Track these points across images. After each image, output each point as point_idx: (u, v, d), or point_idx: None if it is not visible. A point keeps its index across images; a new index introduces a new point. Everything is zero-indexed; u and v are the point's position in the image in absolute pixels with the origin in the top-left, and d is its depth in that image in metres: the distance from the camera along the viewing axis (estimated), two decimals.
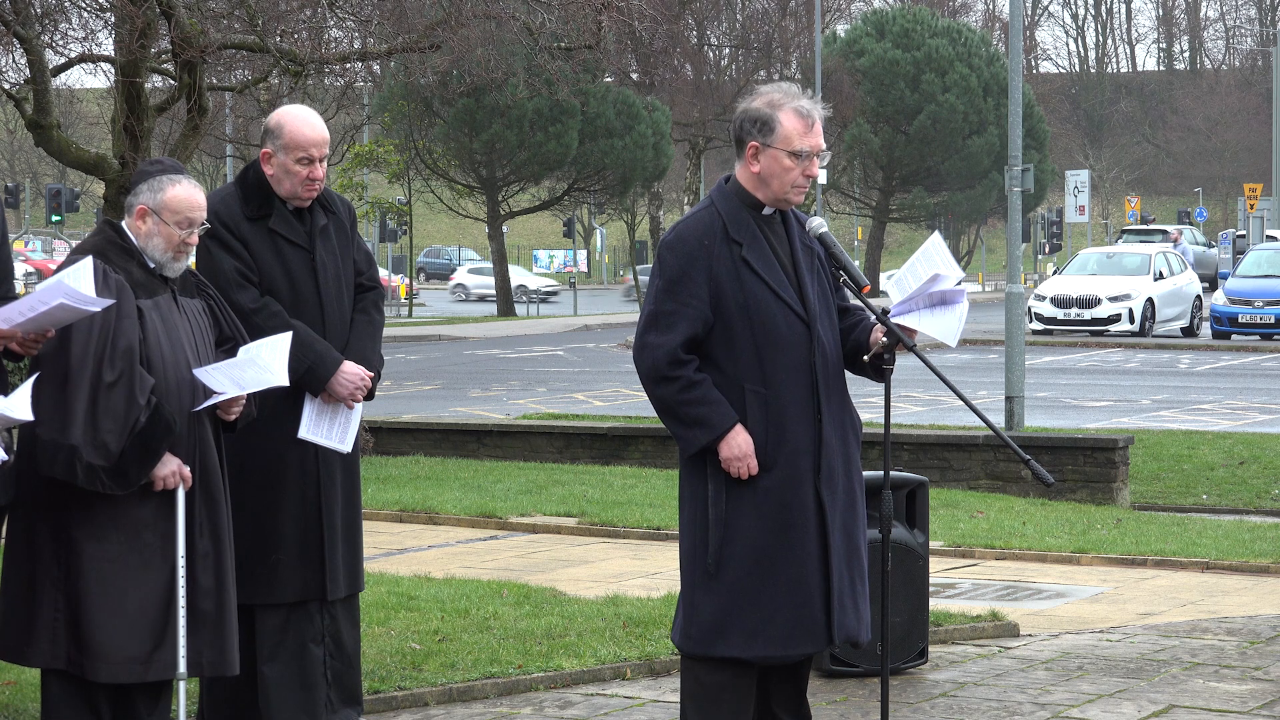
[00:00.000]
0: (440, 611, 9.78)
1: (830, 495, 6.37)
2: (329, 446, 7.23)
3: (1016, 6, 20.96)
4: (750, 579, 6.30)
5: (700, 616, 6.32)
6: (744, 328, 6.30)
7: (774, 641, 6.32)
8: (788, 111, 6.33)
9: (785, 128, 6.31)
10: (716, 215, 6.38)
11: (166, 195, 6.52)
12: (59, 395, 6.25)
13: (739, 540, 6.30)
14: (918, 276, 6.41)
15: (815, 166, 6.38)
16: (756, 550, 6.30)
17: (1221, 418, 23.30)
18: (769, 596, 6.30)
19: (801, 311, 6.36)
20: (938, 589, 10.81)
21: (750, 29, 67.77)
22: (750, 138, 6.36)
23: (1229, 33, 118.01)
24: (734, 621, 6.30)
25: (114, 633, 6.37)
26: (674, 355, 6.27)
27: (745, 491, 6.30)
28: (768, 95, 6.39)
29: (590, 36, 19.98)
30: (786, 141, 6.32)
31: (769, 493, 6.30)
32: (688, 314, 6.28)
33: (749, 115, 6.37)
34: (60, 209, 52.62)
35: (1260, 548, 13.14)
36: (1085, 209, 53.63)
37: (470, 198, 58.34)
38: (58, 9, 16.99)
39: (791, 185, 6.36)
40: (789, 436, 6.31)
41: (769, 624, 6.30)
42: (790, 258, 6.44)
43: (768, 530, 6.30)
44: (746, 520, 6.30)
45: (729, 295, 6.30)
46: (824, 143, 6.41)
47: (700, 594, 6.33)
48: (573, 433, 18.34)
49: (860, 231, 76.63)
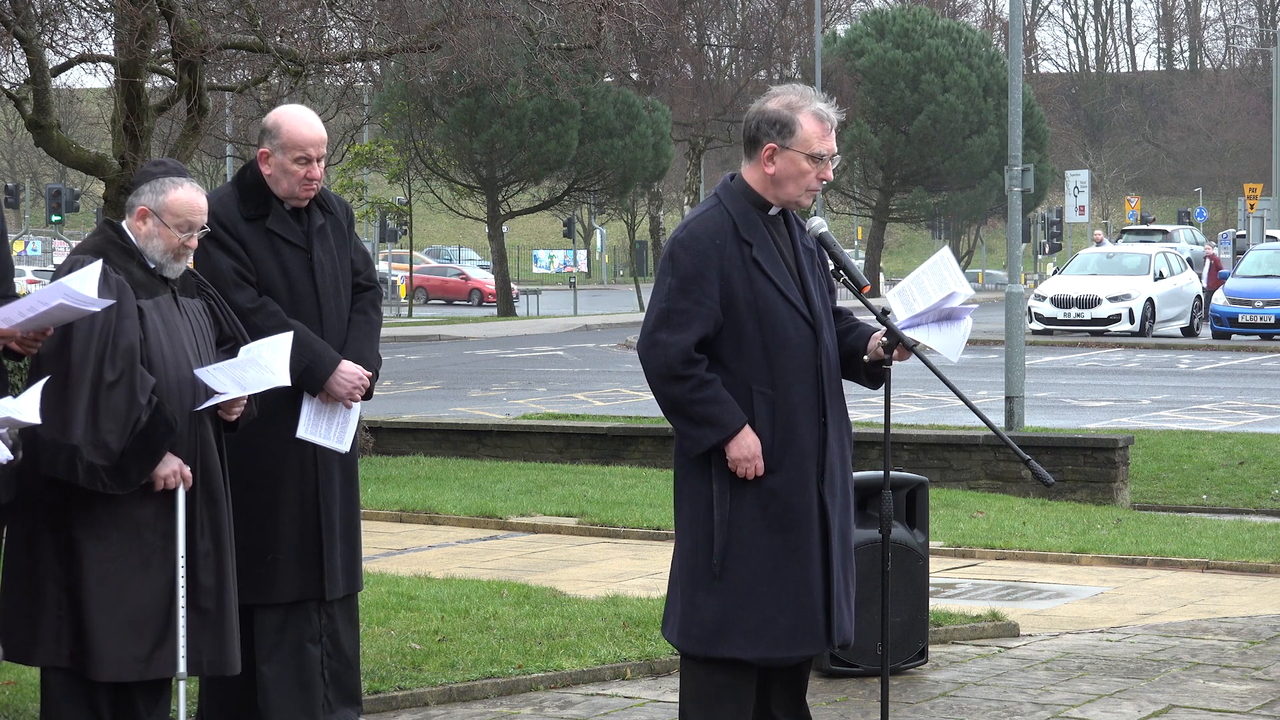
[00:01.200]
0: (440, 611, 9.78)
1: (831, 498, 6.38)
2: (327, 446, 7.22)
3: (1016, 6, 20.96)
4: (754, 580, 6.29)
5: (702, 617, 6.31)
6: (753, 329, 6.30)
7: (776, 643, 6.31)
8: (807, 114, 6.31)
9: (805, 130, 6.29)
10: (726, 214, 6.36)
11: (168, 198, 6.52)
12: (60, 395, 6.25)
13: (743, 541, 6.29)
14: (923, 290, 6.41)
15: (829, 170, 6.37)
16: (761, 551, 6.30)
17: (1221, 418, 23.30)
18: (772, 598, 6.29)
19: (807, 314, 6.36)
20: (938, 589, 10.81)
21: (750, 29, 67.76)
22: (768, 139, 6.32)
23: (1229, 33, 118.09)
24: (736, 622, 6.29)
25: (114, 632, 6.37)
26: (687, 354, 6.25)
27: (750, 492, 6.29)
28: (785, 97, 6.36)
29: (590, 36, 19.98)
30: (806, 145, 6.30)
31: (775, 494, 6.30)
32: (701, 313, 6.26)
33: (767, 117, 6.33)
34: (60, 209, 52.65)
35: (1260, 548, 13.14)
36: (1085, 209, 53.65)
37: (470, 198, 58.34)
38: (58, 9, 16.99)
39: (806, 188, 6.36)
40: (795, 438, 6.31)
41: (771, 625, 6.30)
42: (794, 259, 6.44)
43: (772, 531, 6.30)
44: (751, 521, 6.30)
45: (739, 296, 6.29)
46: (835, 146, 6.41)
47: (702, 594, 6.31)
48: (573, 433, 18.34)
49: (860, 231, 76.65)
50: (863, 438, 16.65)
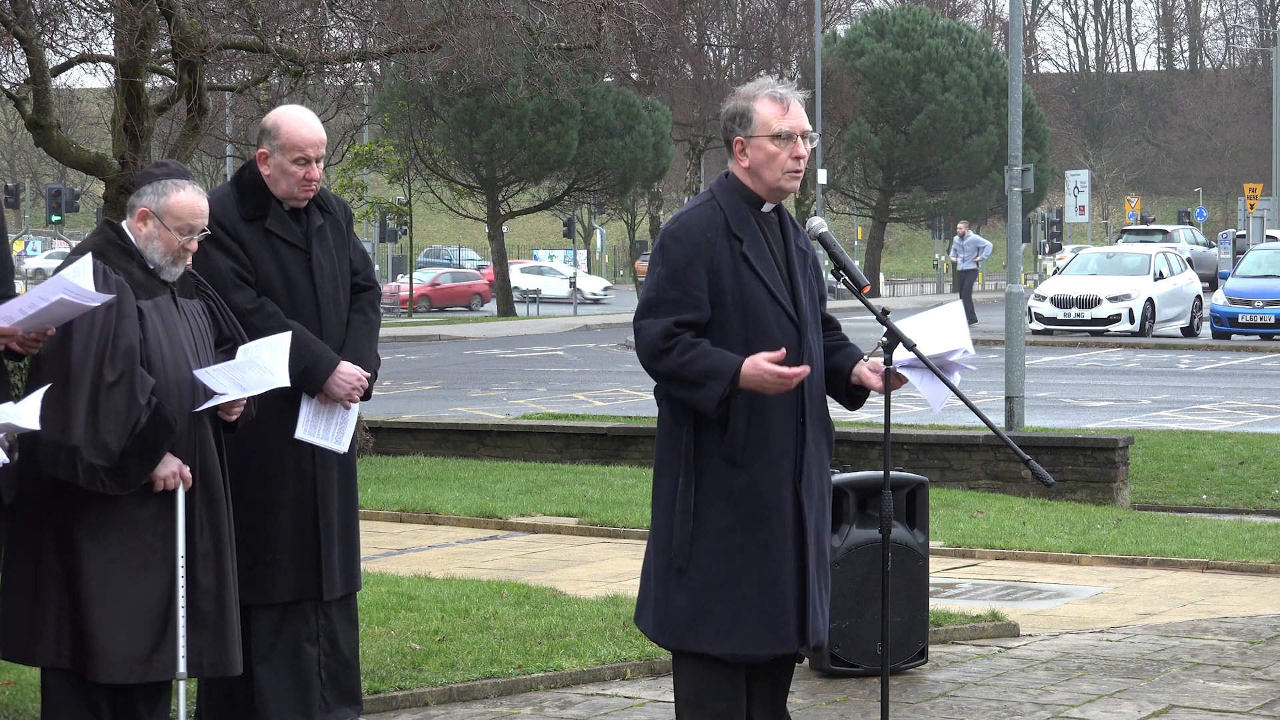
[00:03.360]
0: (440, 611, 9.78)
1: (809, 498, 6.37)
2: (326, 447, 7.22)
3: (1016, 6, 20.96)
4: (725, 576, 6.29)
5: (673, 609, 6.34)
6: (738, 324, 6.30)
7: (745, 640, 6.28)
8: (761, 99, 6.39)
9: (761, 114, 6.35)
10: (718, 209, 6.38)
11: (170, 200, 6.52)
12: (60, 396, 6.24)
13: (712, 536, 6.30)
14: (930, 335, 6.44)
15: (802, 147, 6.39)
16: (731, 548, 6.29)
17: (1221, 418, 23.30)
18: (741, 594, 6.29)
19: (793, 314, 6.37)
20: (938, 589, 10.81)
21: (750, 29, 67.78)
22: (734, 134, 6.41)
23: (1229, 33, 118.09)
24: (705, 616, 6.30)
25: (114, 633, 6.37)
26: (667, 329, 6.25)
27: (720, 488, 6.29)
28: (742, 90, 6.47)
29: (590, 36, 19.98)
30: (765, 127, 6.35)
31: (746, 490, 6.29)
32: (687, 304, 6.28)
33: (728, 113, 6.44)
34: (60, 209, 52.67)
35: (1260, 548, 13.14)
36: (1085, 209, 53.68)
37: (470, 198, 58.33)
38: (58, 9, 17.00)
39: (783, 171, 6.36)
40: (772, 437, 6.30)
41: (738, 622, 6.28)
42: (785, 260, 6.44)
43: (741, 528, 6.29)
44: (718, 516, 6.29)
45: (726, 291, 6.30)
46: (808, 124, 6.43)
47: (674, 587, 6.34)
48: (573, 433, 18.34)
49: (860, 231, 76.62)
50: (863, 438, 16.74)
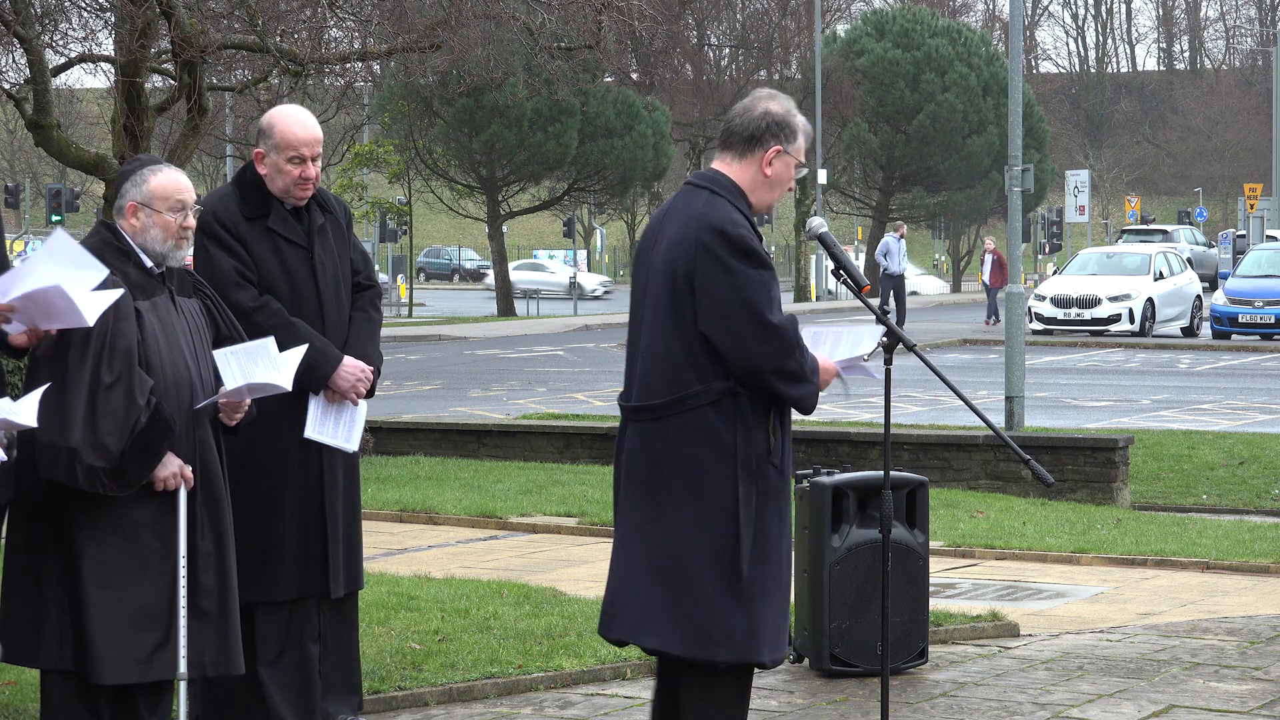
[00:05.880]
0: (440, 611, 9.78)
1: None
2: (335, 446, 7.22)
3: (1016, 6, 20.96)
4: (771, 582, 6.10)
5: (731, 623, 6.02)
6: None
7: (777, 644, 6.16)
8: (801, 123, 6.20)
9: (800, 139, 6.15)
10: (740, 212, 6.13)
11: (152, 185, 6.51)
12: (58, 397, 6.23)
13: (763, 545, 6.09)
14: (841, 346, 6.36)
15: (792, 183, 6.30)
16: (780, 554, 6.14)
17: (1221, 418, 23.30)
18: (784, 600, 6.17)
19: None
20: (938, 589, 10.81)
21: (750, 29, 67.81)
22: (775, 140, 6.13)
23: (1229, 33, 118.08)
24: (761, 626, 6.07)
25: (114, 633, 6.36)
26: (795, 323, 6.07)
27: (769, 495, 6.10)
28: (782, 102, 6.20)
29: (590, 36, 19.99)
30: (799, 152, 6.18)
31: (782, 493, 6.17)
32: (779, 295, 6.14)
33: (774, 118, 6.14)
34: (60, 209, 52.64)
35: (1260, 548, 13.14)
36: (1085, 209, 53.65)
37: (470, 198, 58.35)
38: (58, 9, 17.00)
39: (777, 197, 6.21)
40: (788, 444, 6.29)
41: (780, 629, 6.15)
42: None
43: (782, 535, 6.15)
44: (768, 523, 6.10)
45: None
46: None
47: (727, 599, 6.02)
48: (573, 433, 18.34)
49: (860, 231, 76.58)
50: (863, 438, 16.75)
